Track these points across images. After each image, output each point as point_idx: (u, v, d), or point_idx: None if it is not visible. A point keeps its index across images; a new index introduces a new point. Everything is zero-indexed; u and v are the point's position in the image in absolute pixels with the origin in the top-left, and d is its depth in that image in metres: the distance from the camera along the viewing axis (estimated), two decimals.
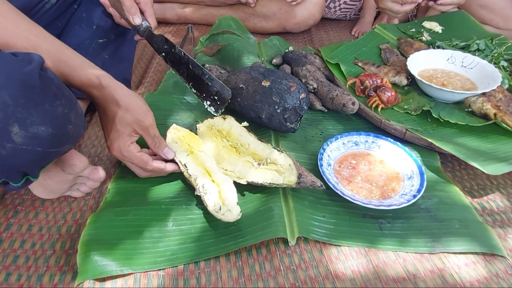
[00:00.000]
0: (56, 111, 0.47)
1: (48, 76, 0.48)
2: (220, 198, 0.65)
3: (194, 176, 0.69)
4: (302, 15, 1.26)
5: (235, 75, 0.87)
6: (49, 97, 0.46)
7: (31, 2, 0.78)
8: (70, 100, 0.51)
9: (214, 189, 0.67)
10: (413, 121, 0.91)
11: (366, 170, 0.75)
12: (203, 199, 0.65)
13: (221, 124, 0.79)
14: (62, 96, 0.49)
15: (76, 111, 0.52)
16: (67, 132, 0.49)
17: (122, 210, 0.64)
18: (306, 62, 1.04)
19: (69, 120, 0.49)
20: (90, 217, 0.61)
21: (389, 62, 1.14)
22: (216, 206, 0.64)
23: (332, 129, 0.89)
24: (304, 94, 0.80)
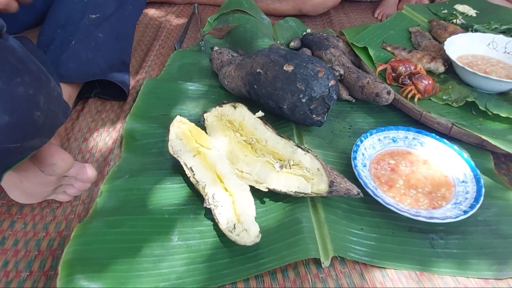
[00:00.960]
0: (16, 91, 0.34)
1: (6, 45, 0.35)
2: (235, 213, 0.53)
3: (203, 183, 0.57)
4: None
5: (250, 58, 0.75)
6: (5, 72, 0.34)
7: None
8: (39, 78, 0.38)
9: (226, 201, 0.54)
10: (455, 114, 0.79)
11: (408, 173, 0.63)
12: (213, 214, 0.53)
13: (232, 114, 0.67)
14: (26, 71, 0.36)
15: (48, 93, 0.39)
16: (34, 121, 0.37)
17: (116, 220, 0.52)
18: (329, 45, 0.91)
19: (36, 104, 0.37)
20: (75, 229, 0.49)
21: (421, 46, 1.01)
22: (230, 223, 0.51)
23: (362, 123, 0.77)
24: (334, 81, 0.67)
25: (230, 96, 0.81)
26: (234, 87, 0.77)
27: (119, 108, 0.79)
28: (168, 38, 1.04)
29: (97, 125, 0.73)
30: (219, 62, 0.84)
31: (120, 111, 0.78)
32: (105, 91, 0.81)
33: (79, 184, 0.53)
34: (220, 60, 0.84)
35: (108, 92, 0.81)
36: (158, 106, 0.76)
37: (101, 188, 0.57)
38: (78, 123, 0.73)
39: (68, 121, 0.74)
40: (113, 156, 0.64)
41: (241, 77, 0.74)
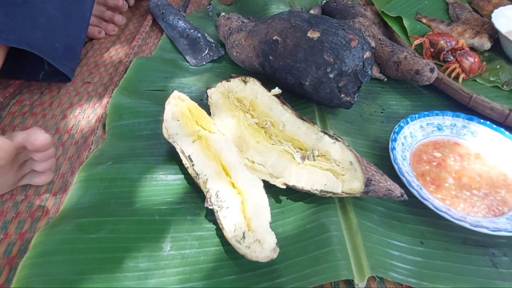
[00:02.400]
0: None
1: None
2: (244, 217, 0.41)
3: (204, 176, 0.45)
4: None
5: (265, 23, 0.62)
6: None
7: None
8: None
9: (234, 201, 0.42)
10: (506, 99, 0.66)
11: (458, 169, 0.51)
12: (217, 217, 0.41)
13: (242, 90, 0.54)
14: None
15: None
16: None
17: (91, 223, 0.40)
18: (356, 14, 0.78)
19: None
20: (36, 235, 0.38)
21: (461, 20, 0.87)
22: (238, 231, 0.39)
23: (396, 106, 0.64)
24: (370, 52, 0.54)
25: (238, 70, 0.69)
26: (244, 58, 0.65)
27: (110, 80, 0.67)
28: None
29: (80, 100, 0.61)
30: (227, 29, 0.71)
31: (110, 83, 0.66)
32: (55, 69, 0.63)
33: (39, 155, 0.42)
34: (228, 27, 0.71)
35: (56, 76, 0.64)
36: (152, 80, 0.64)
37: (76, 177, 0.46)
38: (59, 97, 0.61)
39: (47, 94, 0.62)
40: (95, 138, 0.53)
41: (253, 46, 0.62)
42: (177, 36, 0.74)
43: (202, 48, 0.71)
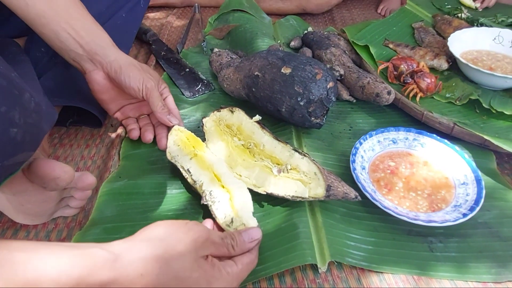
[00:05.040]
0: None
1: None
2: (232, 208, 0.54)
3: (200, 181, 0.57)
4: None
5: (249, 60, 0.75)
6: None
7: None
8: (10, 92, 0.37)
9: (224, 197, 0.55)
10: (458, 113, 0.78)
11: (408, 175, 0.62)
12: (211, 210, 0.53)
13: (230, 119, 0.67)
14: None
15: (22, 106, 0.38)
16: (12, 139, 0.37)
17: (115, 227, 0.53)
18: (330, 44, 0.90)
19: (10, 121, 0.36)
20: (74, 238, 0.50)
21: (425, 43, 1.00)
22: (227, 218, 0.52)
23: (362, 123, 0.76)
24: (332, 82, 0.67)
25: (229, 99, 0.81)
26: (233, 89, 0.78)
27: None
28: (170, 41, 1.04)
29: (100, 131, 0.74)
30: (218, 64, 0.84)
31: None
32: (82, 118, 0.76)
33: (80, 194, 0.54)
34: (219, 62, 0.84)
35: (86, 119, 0.75)
36: None
37: (100, 190, 0.58)
38: (82, 130, 0.74)
39: (72, 127, 0.75)
40: (113, 163, 0.65)
41: (240, 80, 0.74)
42: (175, 73, 0.88)
43: (195, 83, 0.84)
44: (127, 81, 0.61)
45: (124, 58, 0.63)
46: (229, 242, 0.45)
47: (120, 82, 0.62)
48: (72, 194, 0.54)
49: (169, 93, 0.69)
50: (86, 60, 0.61)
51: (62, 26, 0.59)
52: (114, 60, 0.61)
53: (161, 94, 0.66)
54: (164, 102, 0.65)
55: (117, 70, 0.61)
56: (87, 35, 0.61)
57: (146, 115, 0.70)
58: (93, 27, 0.62)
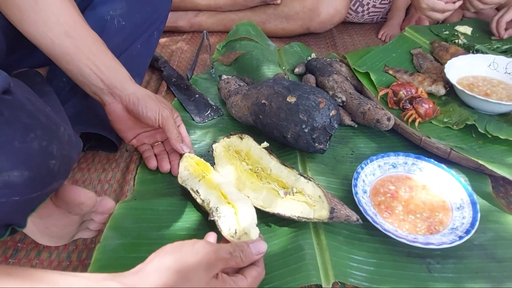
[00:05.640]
0: (31, 147, 0.39)
1: (16, 102, 0.39)
2: (237, 221, 0.57)
3: (207, 200, 0.61)
4: (327, 12, 1.16)
5: (256, 89, 0.79)
6: (18, 131, 0.38)
7: None
8: (49, 128, 0.42)
9: (229, 211, 0.59)
10: (455, 137, 0.81)
11: (408, 198, 0.66)
12: (217, 224, 0.57)
13: (239, 145, 0.71)
14: (37, 125, 0.41)
15: (59, 140, 0.43)
16: (50, 170, 0.41)
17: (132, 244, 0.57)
18: (332, 71, 0.95)
19: (50, 154, 0.41)
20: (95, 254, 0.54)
21: (423, 69, 1.04)
22: (231, 229, 0.56)
23: (364, 148, 0.80)
24: (335, 111, 0.71)
25: (237, 124, 0.86)
26: (241, 116, 0.82)
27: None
28: (180, 67, 1.10)
29: (115, 156, 0.79)
30: (227, 91, 0.89)
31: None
32: (99, 143, 0.79)
33: (99, 217, 0.58)
34: (228, 89, 0.89)
35: (102, 144, 0.79)
36: None
37: (116, 207, 0.62)
38: (98, 155, 0.79)
39: (89, 152, 0.80)
40: (129, 187, 0.69)
41: (248, 107, 0.79)
42: (185, 99, 0.93)
43: (205, 109, 0.89)
44: (144, 112, 0.66)
45: (141, 91, 0.68)
46: (238, 255, 0.47)
47: (138, 113, 0.66)
48: (92, 217, 0.58)
49: (181, 122, 0.73)
50: (106, 93, 0.66)
51: (84, 62, 0.65)
52: (132, 93, 0.66)
53: (174, 122, 0.71)
54: (178, 130, 0.69)
55: (135, 102, 0.66)
56: (107, 70, 0.66)
57: (160, 142, 0.75)
58: (112, 63, 0.67)
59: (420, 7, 1.10)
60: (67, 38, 0.64)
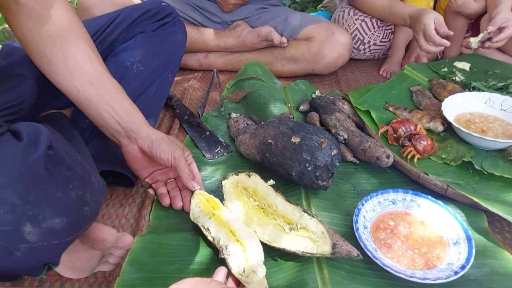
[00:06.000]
0: (69, 197, 0.45)
1: (57, 157, 0.45)
2: (245, 259, 0.62)
3: (218, 238, 0.66)
4: (331, 56, 1.24)
5: (263, 128, 0.85)
6: (60, 184, 0.44)
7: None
8: (84, 178, 0.48)
9: (238, 250, 0.63)
10: (453, 173, 0.85)
11: (406, 233, 0.70)
12: (227, 262, 0.61)
13: (247, 182, 0.76)
14: (74, 177, 0.47)
15: (91, 187, 0.49)
16: (84, 215, 0.47)
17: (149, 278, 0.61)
18: (335, 109, 1.01)
19: (84, 201, 0.47)
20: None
21: (422, 105, 1.09)
22: (240, 267, 0.60)
23: (365, 184, 0.85)
24: (336, 150, 0.76)
25: (246, 161, 0.91)
26: (249, 153, 0.88)
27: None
28: (191, 105, 1.17)
29: (132, 191, 0.84)
30: (236, 129, 0.95)
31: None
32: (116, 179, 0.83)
33: (118, 252, 0.63)
34: (236, 128, 0.95)
35: (119, 180, 0.83)
36: None
37: (135, 239, 0.67)
38: (116, 190, 0.84)
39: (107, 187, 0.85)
40: (145, 222, 0.74)
41: (255, 145, 0.85)
42: (197, 136, 0.99)
43: (215, 146, 0.95)
44: (158, 153, 0.72)
45: (155, 134, 0.74)
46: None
47: (152, 154, 0.72)
48: (111, 251, 0.63)
49: (192, 160, 0.79)
50: (123, 136, 0.73)
51: (105, 108, 0.71)
52: (146, 136, 0.73)
53: (186, 161, 0.76)
54: (189, 168, 0.75)
55: (149, 145, 0.72)
56: (125, 115, 0.72)
57: (173, 179, 0.80)
58: (130, 108, 0.74)
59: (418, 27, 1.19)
60: (90, 87, 0.71)
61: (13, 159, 0.41)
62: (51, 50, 0.69)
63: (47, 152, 0.45)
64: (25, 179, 0.41)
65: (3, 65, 0.77)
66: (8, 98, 0.68)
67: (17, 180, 0.41)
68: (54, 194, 0.43)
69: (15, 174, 0.41)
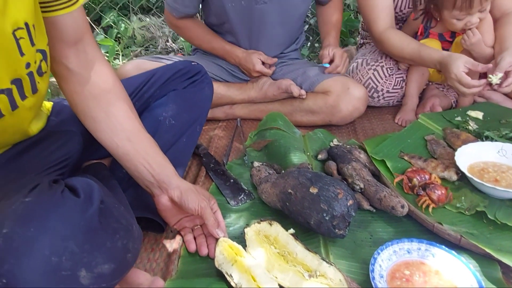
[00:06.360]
0: (117, 246, 0.52)
1: (107, 210, 0.54)
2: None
3: (240, 284, 0.71)
4: (347, 109, 1.31)
5: (283, 178, 0.92)
6: (109, 234, 0.52)
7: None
8: (127, 228, 0.56)
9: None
10: (468, 223, 0.88)
11: (421, 283, 0.73)
12: None
13: (268, 230, 0.82)
14: (120, 228, 0.55)
15: (133, 237, 0.57)
16: (127, 261, 0.54)
17: None
18: (351, 159, 1.07)
19: (128, 249, 0.54)
20: None
21: (436, 154, 1.14)
22: None
23: (382, 232, 0.89)
24: (352, 200, 0.82)
25: (267, 208, 0.97)
26: (270, 201, 0.94)
27: None
28: (217, 153, 1.25)
29: (162, 236, 0.91)
30: (258, 178, 1.02)
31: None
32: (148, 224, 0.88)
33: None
34: (259, 177, 1.02)
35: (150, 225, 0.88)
36: None
37: (166, 283, 0.72)
38: (148, 235, 0.92)
39: None
40: (174, 266, 0.80)
41: (276, 194, 0.91)
42: (222, 184, 1.07)
43: (239, 193, 1.02)
44: (186, 203, 0.79)
45: (183, 184, 0.82)
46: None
47: (181, 204, 0.80)
48: None
49: (217, 208, 0.86)
50: (156, 187, 0.81)
51: (140, 161, 0.80)
52: (176, 187, 0.80)
53: (212, 209, 0.83)
54: (215, 216, 0.82)
55: (178, 195, 0.80)
56: (158, 167, 0.81)
57: (199, 226, 0.87)
58: (162, 161, 0.82)
59: (449, 77, 1.20)
60: (128, 143, 0.80)
61: (74, 214, 0.50)
62: (95, 110, 0.79)
63: (100, 206, 0.53)
64: (83, 231, 0.49)
65: (56, 123, 0.88)
66: (60, 154, 0.79)
67: (77, 232, 0.49)
68: (105, 243, 0.51)
69: (76, 227, 0.49)
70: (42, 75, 0.72)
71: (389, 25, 1.40)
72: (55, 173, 0.75)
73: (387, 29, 1.39)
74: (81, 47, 0.78)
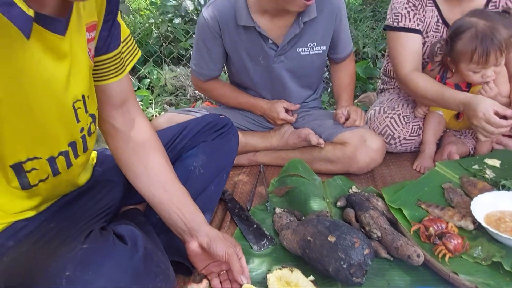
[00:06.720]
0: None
1: (149, 256, 0.62)
2: None
3: None
4: (364, 161, 1.38)
5: (303, 225, 0.98)
6: (151, 277, 0.60)
7: None
8: (166, 272, 0.64)
9: None
10: (484, 273, 0.91)
11: None
12: None
13: (289, 276, 0.88)
14: (160, 271, 0.63)
15: (170, 280, 0.65)
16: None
17: None
18: (369, 207, 1.12)
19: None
20: None
21: (454, 203, 1.17)
22: None
23: (399, 281, 0.92)
24: (368, 249, 0.87)
25: (288, 254, 1.03)
26: (291, 247, 1.00)
27: None
28: (241, 198, 1.33)
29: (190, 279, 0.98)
30: (279, 225, 1.08)
31: None
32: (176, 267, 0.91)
33: None
34: (280, 223, 1.08)
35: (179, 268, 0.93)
36: None
37: None
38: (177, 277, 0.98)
39: None
40: None
41: (296, 241, 0.97)
42: (245, 229, 1.13)
43: (261, 239, 1.08)
44: (214, 250, 0.86)
45: (212, 232, 0.89)
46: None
47: (209, 250, 0.87)
48: None
49: (242, 254, 0.92)
50: (187, 233, 0.89)
51: (174, 210, 0.89)
52: (205, 235, 0.88)
53: (237, 255, 0.90)
54: (240, 263, 0.88)
55: (207, 242, 0.87)
56: (189, 216, 0.89)
57: (225, 272, 0.93)
58: (193, 210, 0.91)
59: (476, 116, 1.21)
60: (163, 192, 0.90)
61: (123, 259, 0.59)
62: (136, 164, 0.90)
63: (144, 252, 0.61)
64: (131, 275, 0.58)
65: (100, 173, 0.99)
66: (105, 202, 0.89)
67: (126, 275, 0.57)
68: (147, 285, 0.59)
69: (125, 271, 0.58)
70: (91, 135, 0.83)
71: (415, 68, 1.47)
72: (102, 220, 0.84)
73: (412, 71, 1.45)
74: (126, 108, 0.90)
